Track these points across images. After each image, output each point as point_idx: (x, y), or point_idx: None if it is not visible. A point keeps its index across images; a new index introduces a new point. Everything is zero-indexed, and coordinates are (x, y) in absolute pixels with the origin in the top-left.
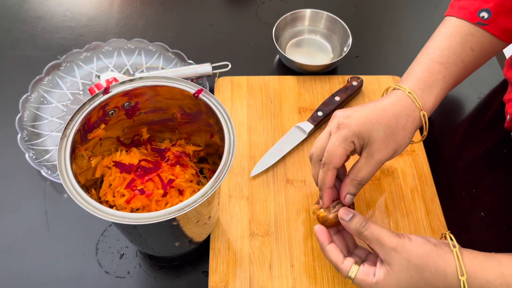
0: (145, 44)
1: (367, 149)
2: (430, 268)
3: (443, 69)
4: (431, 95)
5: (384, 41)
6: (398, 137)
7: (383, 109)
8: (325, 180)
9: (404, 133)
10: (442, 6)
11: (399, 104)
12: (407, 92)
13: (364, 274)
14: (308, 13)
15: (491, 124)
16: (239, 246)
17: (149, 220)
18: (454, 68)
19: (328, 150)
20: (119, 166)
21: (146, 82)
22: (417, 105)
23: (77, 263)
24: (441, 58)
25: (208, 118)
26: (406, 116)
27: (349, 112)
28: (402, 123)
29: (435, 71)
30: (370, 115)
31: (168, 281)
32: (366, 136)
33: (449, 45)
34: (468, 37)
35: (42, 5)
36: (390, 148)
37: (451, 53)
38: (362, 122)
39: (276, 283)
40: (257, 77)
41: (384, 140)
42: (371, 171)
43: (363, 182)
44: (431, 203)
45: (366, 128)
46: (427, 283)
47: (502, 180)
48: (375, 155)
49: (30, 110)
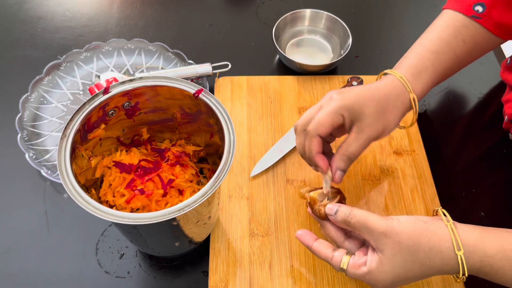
0: (145, 44)
1: (357, 124)
2: (423, 247)
3: (433, 58)
4: (421, 81)
5: (384, 41)
6: (388, 115)
7: (375, 88)
8: (311, 146)
9: (394, 112)
10: (442, 6)
11: (390, 85)
12: (399, 77)
13: (355, 265)
14: (308, 13)
15: (491, 124)
16: (239, 246)
17: (149, 220)
18: (445, 58)
19: (316, 118)
20: (119, 166)
21: (146, 82)
22: (407, 88)
23: (77, 263)
24: (433, 47)
25: (208, 118)
26: (397, 96)
27: (342, 90)
28: (393, 102)
29: (426, 59)
30: (362, 93)
31: (168, 281)
32: (357, 110)
33: (442, 36)
34: (462, 29)
35: (42, 5)
36: (380, 125)
37: (443, 43)
38: (354, 97)
39: (276, 283)
40: (257, 77)
41: (375, 116)
42: (360, 146)
43: (352, 157)
44: (431, 203)
45: (358, 103)
46: (423, 264)
47: (502, 180)
48: (365, 130)
49: (30, 110)
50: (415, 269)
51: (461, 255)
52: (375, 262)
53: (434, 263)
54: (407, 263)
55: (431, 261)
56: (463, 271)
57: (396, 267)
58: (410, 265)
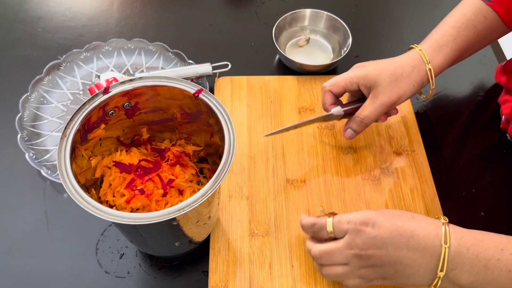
0: (145, 44)
1: (373, 91)
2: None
3: (454, 32)
4: (441, 54)
5: (384, 41)
6: (402, 83)
7: (392, 61)
8: (324, 99)
9: (408, 80)
10: (442, 6)
11: (407, 57)
12: (418, 50)
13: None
14: (308, 13)
15: (491, 124)
16: (239, 246)
17: (149, 220)
18: (465, 32)
19: (333, 78)
20: (119, 166)
21: (146, 82)
22: (424, 59)
23: (77, 263)
24: (455, 23)
25: (208, 118)
26: (411, 67)
27: (365, 63)
28: (407, 72)
29: (447, 33)
30: (379, 64)
31: (168, 281)
32: (372, 78)
33: (464, 13)
34: (483, 7)
35: (42, 5)
36: (394, 93)
37: (464, 19)
38: (371, 68)
39: (276, 283)
40: (257, 77)
41: (389, 84)
42: (374, 110)
43: (365, 120)
44: (431, 203)
45: (373, 73)
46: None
47: (502, 179)
48: (379, 96)
49: (30, 110)
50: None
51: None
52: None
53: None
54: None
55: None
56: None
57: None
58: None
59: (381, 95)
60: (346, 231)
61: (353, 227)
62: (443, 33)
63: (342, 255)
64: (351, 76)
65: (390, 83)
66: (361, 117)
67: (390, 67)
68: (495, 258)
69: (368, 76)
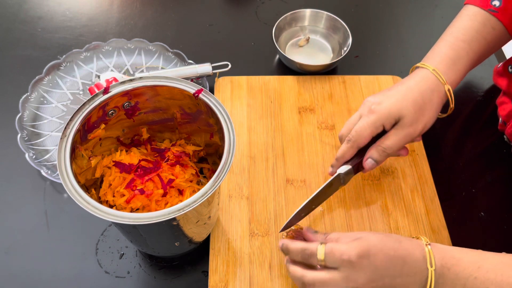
0: (145, 44)
1: (398, 124)
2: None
3: (466, 46)
4: (456, 70)
5: (384, 41)
6: (426, 112)
7: (408, 89)
8: (345, 154)
9: (431, 107)
10: (442, 6)
11: (422, 82)
12: (431, 70)
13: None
14: (308, 13)
15: (491, 124)
16: (239, 246)
17: (149, 220)
18: (477, 45)
19: (356, 129)
20: (119, 166)
21: (146, 82)
22: (441, 80)
23: (77, 263)
24: (464, 36)
25: (208, 118)
26: (431, 91)
27: (379, 99)
28: (428, 98)
29: (459, 48)
30: (397, 97)
31: (168, 281)
32: (396, 116)
33: (472, 25)
34: (490, 17)
35: (42, 5)
36: (419, 123)
37: (473, 31)
38: (391, 105)
39: (276, 283)
40: (257, 77)
41: (413, 117)
42: (398, 141)
43: (387, 150)
44: (431, 203)
45: (395, 109)
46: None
47: (502, 179)
48: (404, 128)
49: (30, 110)
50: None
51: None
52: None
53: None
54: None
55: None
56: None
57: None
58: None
59: (406, 126)
60: (340, 264)
61: (347, 261)
62: (455, 48)
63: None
64: (375, 121)
65: (415, 113)
66: (384, 146)
67: (409, 95)
68: (472, 276)
69: (392, 113)
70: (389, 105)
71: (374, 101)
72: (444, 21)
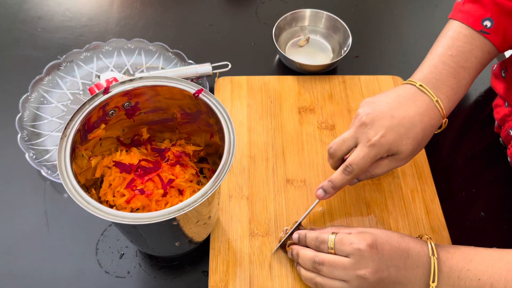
0: (145, 44)
1: (394, 157)
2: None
3: (467, 76)
4: (455, 102)
5: (384, 41)
6: (421, 146)
7: (412, 125)
8: (344, 184)
9: (426, 141)
10: (442, 6)
11: (426, 116)
12: (434, 101)
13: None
14: (308, 13)
15: (491, 124)
16: (239, 246)
17: (149, 220)
18: (475, 73)
19: (358, 163)
20: (119, 166)
21: (146, 82)
22: (442, 114)
23: (77, 263)
24: (465, 63)
25: (208, 118)
26: (431, 127)
27: (380, 130)
28: (427, 136)
29: (460, 77)
30: (400, 132)
31: (168, 281)
32: (395, 150)
33: (471, 50)
34: (486, 41)
35: (42, 5)
36: (412, 156)
37: (473, 57)
38: (392, 141)
39: (276, 283)
40: (257, 77)
41: (411, 152)
42: (387, 170)
43: (374, 176)
44: (431, 203)
45: (396, 145)
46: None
47: (502, 179)
48: (398, 161)
49: (30, 110)
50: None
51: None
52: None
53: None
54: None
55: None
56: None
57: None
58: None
59: (400, 160)
60: (349, 252)
61: (357, 249)
62: (457, 77)
63: (344, 272)
64: (375, 155)
65: (413, 150)
66: (373, 174)
67: (411, 133)
68: (465, 268)
69: (392, 149)
70: (391, 141)
71: (376, 133)
72: (444, 21)
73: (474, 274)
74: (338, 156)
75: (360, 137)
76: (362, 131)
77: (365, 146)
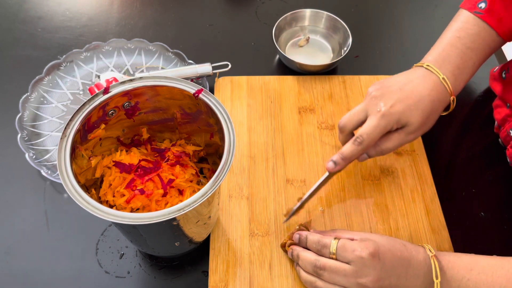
0: (145, 44)
1: (403, 129)
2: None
3: (473, 56)
4: (462, 80)
5: (384, 41)
6: (430, 121)
7: (421, 98)
8: (355, 155)
9: (435, 116)
10: (442, 6)
11: (434, 91)
12: (441, 78)
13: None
14: (308, 13)
15: (491, 124)
16: (239, 246)
17: (149, 220)
18: (482, 54)
19: (368, 133)
20: (119, 166)
21: (146, 82)
22: (448, 91)
23: (77, 263)
24: (472, 44)
25: (208, 118)
26: (439, 102)
27: (390, 101)
28: (436, 109)
29: (467, 57)
30: (408, 103)
31: (168, 281)
32: (404, 121)
33: (479, 32)
34: (491, 31)
35: (42, 5)
36: (422, 130)
37: (480, 39)
38: (402, 111)
39: (276, 283)
40: (257, 77)
41: (419, 124)
42: (397, 144)
43: (385, 151)
44: (431, 203)
45: (405, 117)
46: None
47: (502, 180)
48: (408, 134)
49: (30, 110)
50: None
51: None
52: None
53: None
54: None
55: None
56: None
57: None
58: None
59: (409, 133)
60: (351, 259)
61: (359, 257)
62: (463, 57)
63: (346, 279)
64: (385, 125)
65: (421, 123)
66: (383, 148)
67: (420, 105)
68: (465, 278)
69: (401, 120)
70: (400, 111)
71: (386, 103)
72: (444, 21)
73: (474, 284)
74: (349, 129)
75: (370, 109)
76: (372, 103)
77: (376, 116)
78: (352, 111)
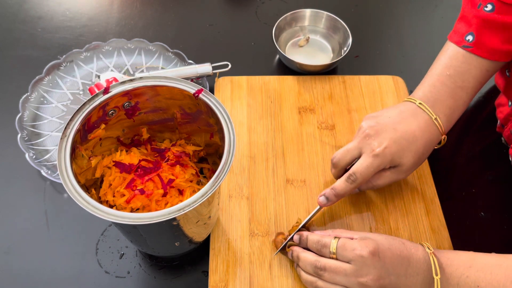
0: (145, 44)
1: (396, 168)
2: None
3: (464, 95)
4: (453, 120)
5: (384, 41)
6: (422, 160)
7: (414, 139)
8: (347, 192)
9: (427, 155)
10: (442, 6)
11: (427, 132)
12: (433, 118)
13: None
14: (308, 13)
15: (491, 124)
16: (239, 246)
17: (149, 220)
18: (473, 91)
19: (362, 173)
20: (119, 166)
21: (146, 82)
22: (440, 131)
23: (77, 263)
24: (463, 83)
25: (208, 118)
26: (431, 142)
27: (384, 141)
28: (428, 150)
29: (458, 97)
30: (402, 144)
31: (168, 281)
32: (397, 161)
33: (469, 69)
34: (481, 60)
35: (42, 5)
36: (414, 169)
37: (471, 77)
38: (395, 153)
39: (276, 283)
40: (257, 77)
41: (412, 164)
42: (388, 182)
43: (375, 187)
44: (431, 203)
45: (398, 157)
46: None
47: (502, 179)
48: (400, 174)
49: (30, 110)
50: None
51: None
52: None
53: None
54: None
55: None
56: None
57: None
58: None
59: (401, 173)
60: (351, 258)
61: (359, 256)
62: (454, 97)
63: (346, 278)
64: (379, 165)
65: (414, 164)
66: (375, 184)
67: (413, 147)
68: (464, 275)
69: (394, 161)
70: (394, 152)
71: (380, 143)
72: (444, 21)
73: (473, 281)
74: (342, 165)
75: (364, 148)
76: (366, 142)
77: (369, 156)
78: (346, 148)
